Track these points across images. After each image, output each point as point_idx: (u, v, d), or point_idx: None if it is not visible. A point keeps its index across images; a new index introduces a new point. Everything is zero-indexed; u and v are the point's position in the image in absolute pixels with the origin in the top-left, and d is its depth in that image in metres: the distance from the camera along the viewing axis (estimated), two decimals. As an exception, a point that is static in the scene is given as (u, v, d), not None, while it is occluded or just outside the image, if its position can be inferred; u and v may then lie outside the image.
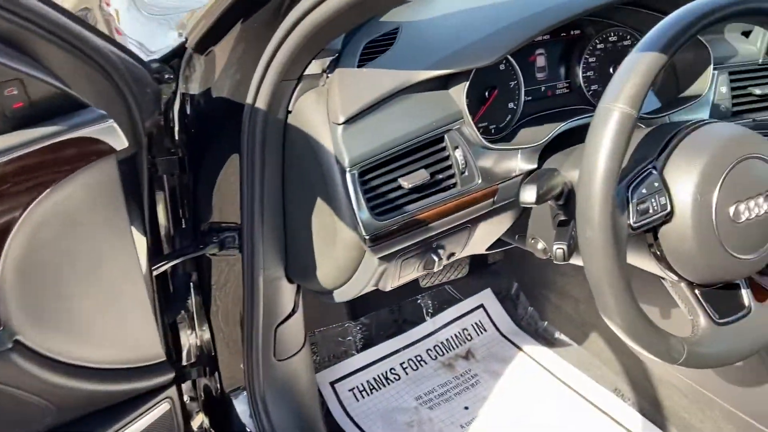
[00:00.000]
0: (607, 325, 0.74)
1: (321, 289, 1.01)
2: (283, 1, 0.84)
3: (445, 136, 0.87)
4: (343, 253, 0.88)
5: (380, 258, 0.86)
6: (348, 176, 0.80)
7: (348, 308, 1.60)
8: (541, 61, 1.05)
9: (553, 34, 1.05)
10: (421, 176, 0.83)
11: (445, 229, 0.90)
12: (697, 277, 0.80)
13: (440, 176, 0.86)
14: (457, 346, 1.65)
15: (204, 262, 1.15)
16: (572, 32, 1.06)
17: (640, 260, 0.85)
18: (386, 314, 1.66)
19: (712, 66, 1.03)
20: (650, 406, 1.42)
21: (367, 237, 0.81)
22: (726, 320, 0.81)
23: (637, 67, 0.68)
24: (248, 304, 1.06)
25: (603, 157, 0.68)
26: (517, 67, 1.00)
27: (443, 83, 0.89)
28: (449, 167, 0.87)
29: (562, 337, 1.65)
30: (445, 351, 1.64)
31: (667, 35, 0.69)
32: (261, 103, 0.87)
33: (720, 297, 0.83)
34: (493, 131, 1.00)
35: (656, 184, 0.76)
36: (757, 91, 1.08)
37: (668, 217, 0.76)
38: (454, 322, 1.69)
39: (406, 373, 1.57)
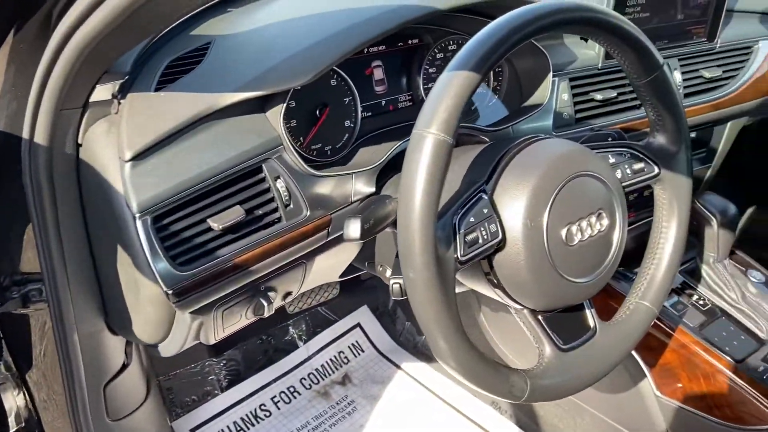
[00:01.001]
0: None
1: (144, 343, 0.88)
2: (53, 6, 0.71)
3: (263, 166, 0.77)
4: (150, 309, 0.76)
5: (192, 312, 0.75)
6: (139, 223, 0.68)
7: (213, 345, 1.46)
8: (378, 73, 0.98)
9: (389, 44, 0.98)
10: (236, 214, 0.73)
11: (273, 269, 0.80)
12: (536, 304, 0.75)
13: (260, 212, 0.76)
14: (333, 371, 1.56)
15: (12, 319, 0.98)
16: (410, 41, 1.00)
17: (480, 287, 0.79)
18: (255, 345, 1.54)
19: (551, 73, 1.00)
20: (526, 417, 1.40)
21: (169, 292, 0.69)
22: (571, 345, 0.77)
23: (449, 90, 0.62)
24: (65, 363, 0.91)
25: (418, 190, 0.61)
26: (350, 81, 0.92)
27: (259, 106, 0.79)
28: (271, 200, 0.77)
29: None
30: (320, 378, 1.54)
31: (478, 54, 0.63)
32: (40, 138, 0.73)
33: (565, 320, 0.79)
34: (329, 152, 0.91)
35: (485, 211, 0.70)
36: (599, 96, 1.07)
37: (500, 244, 0.71)
38: (330, 346, 1.60)
39: (278, 408, 1.46)
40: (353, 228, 0.71)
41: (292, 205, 0.78)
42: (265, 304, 0.81)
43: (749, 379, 1.02)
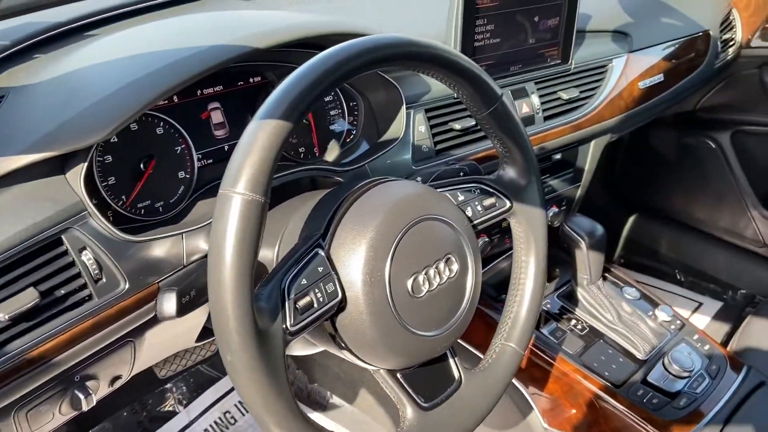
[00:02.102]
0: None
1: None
2: None
3: (63, 237, 0.66)
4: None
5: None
6: None
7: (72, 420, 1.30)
8: (217, 116, 0.89)
9: (227, 84, 0.89)
10: (28, 299, 0.61)
11: (88, 354, 0.69)
12: (389, 364, 0.68)
13: (62, 291, 0.65)
14: (219, 435, 1.44)
15: None
16: (251, 79, 0.92)
17: (330, 348, 0.71)
18: (128, 416, 1.39)
19: (404, 105, 0.95)
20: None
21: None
22: (434, 402, 0.71)
23: (256, 143, 0.54)
24: None
25: (227, 261, 0.52)
26: (180, 128, 0.83)
27: (58, 167, 0.68)
28: (76, 276, 0.66)
29: (334, 398, 1.51)
30: (204, 445, 1.41)
31: (287, 100, 0.55)
32: None
33: (427, 374, 0.73)
34: (161, 209, 0.81)
35: (321, 269, 0.62)
36: (457, 125, 1.03)
37: (341, 304, 0.64)
38: (214, 407, 1.47)
39: (156, 486, 1.32)
40: (167, 304, 0.62)
41: (104, 279, 0.67)
42: (82, 396, 0.69)
43: (629, 403, 1.00)
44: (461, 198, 0.76)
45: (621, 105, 1.27)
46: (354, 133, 1.01)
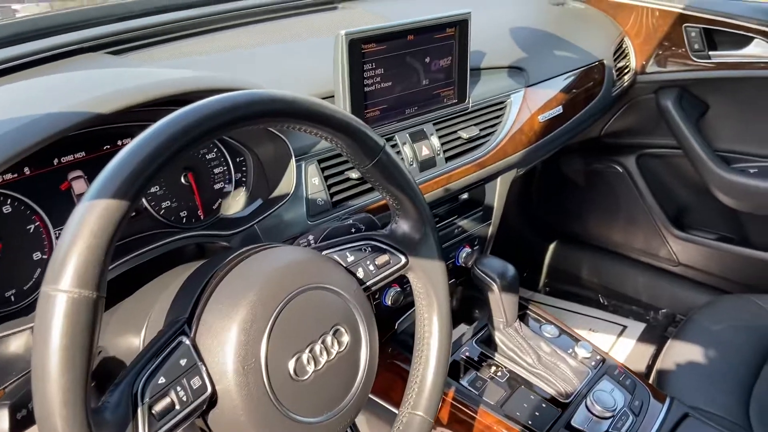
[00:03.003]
0: None
1: None
2: None
3: None
4: None
5: None
6: None
7: None
8: (80, 185, 0.80)
9: (90, 150, 0.80)
10: None
11: None
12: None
13: None
14: None
15: None
16: (120, 141, 0.83)
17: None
18: None
19: (293, 158, 0.89)
20: None
21: None
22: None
23: (83, 230, 0.46)
24: None
25: (52, 373, 0.44)
26: (32, 204, 0.73)
27: None
28: None
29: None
30: None
31: (120, 177, 0.48)
32: None
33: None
34: (13, 299, 0.71)
35: (184, 362, 0.54)
36: (353, 175, 0.98)
37: (213, 399, 0.56)
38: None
39: None
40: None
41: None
42: None
43: (555, 452, 0.96)
44: (351, 258, 0.70)
45: (523, 139, 1.26)
46: (243, 191, 0.94)
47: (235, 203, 0.93)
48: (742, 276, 1.74)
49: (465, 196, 1.21)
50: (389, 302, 1.07)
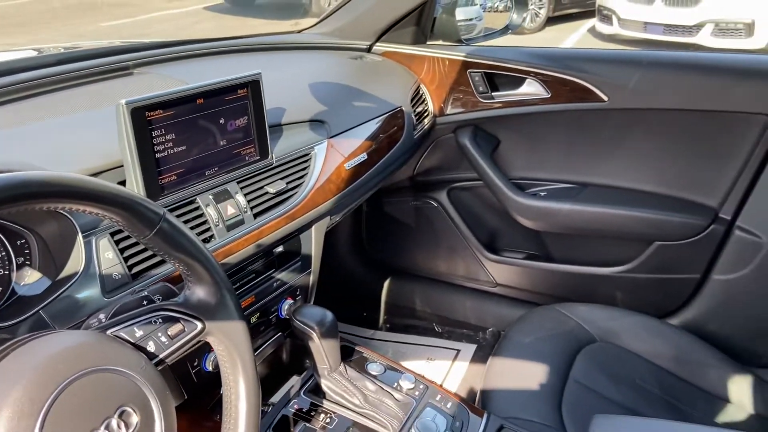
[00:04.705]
0: None
1: None
2: None
3: None
4: None
5: None
6: None
7: None
8: None
9: None
10: None
11: None
12: None
13: None
14: None
15: None
16: None
17: None
18: None
19: (80, 235, 0.85)
20: None
21: None
22: None
23: None
24: None
25: None
26: None
27: None
28: None
29: None
30: None
31: None
32: None
33: None
34: None
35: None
36: (153, 243, 0.95)
37: None
38: None
39: None
40: None
41: None
42: None
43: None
44: (140, 333, 0.68)
45: (332, 188, 1.31)
46: (27, 275, 0.87)
47: (20, 289, 0.86)
48: (548, 288, 1.93)
49: (280, 249, 1.23)
50: (210, 367, 1.05)
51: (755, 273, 1.59)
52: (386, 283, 2.24)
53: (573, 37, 7.55)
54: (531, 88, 1.72)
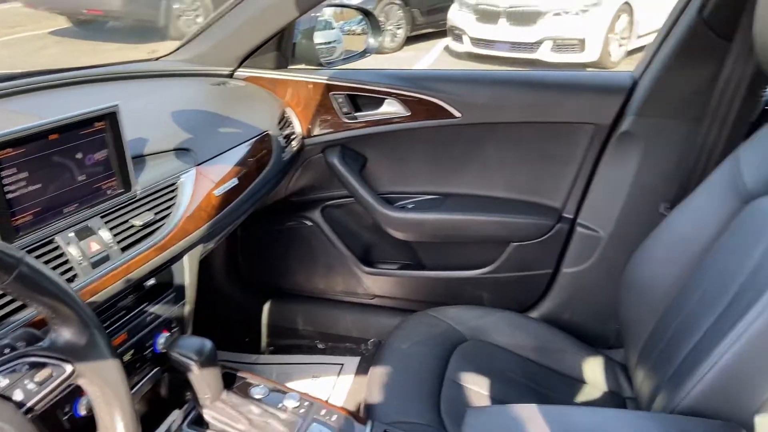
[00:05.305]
0: None
1: None
2: None
3: None
4: None
5: None
6: None
7: None
8: None
9: None
10: None
11: None
12: None
13: None
14: None
15: None
16: None
17: None
18: None
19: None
20: None
21: None
22: None
23: None
24: None
25: None
26: None
27: None
28: None
29: None
30: None
31: None
32: None
33: None
34: None
35: None
36: (11, 288, 0.91)
37: None
38: None
39: None
40: None
41: None
42: None
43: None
44: (5, 383, 0.66)
45: (203, 215, 1.31)
46: None
47: None
48: (422, 295, 2.04)
49: (152, 281, 1.20)
50: (83, 411, 1.01)
51: (597, 264, 1.80)
52: (267, 306, 2.24)
53: (430, 55, 7.95)
54: (392, 108, 1.82)
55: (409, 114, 1.80)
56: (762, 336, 0.96)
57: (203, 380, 1.09)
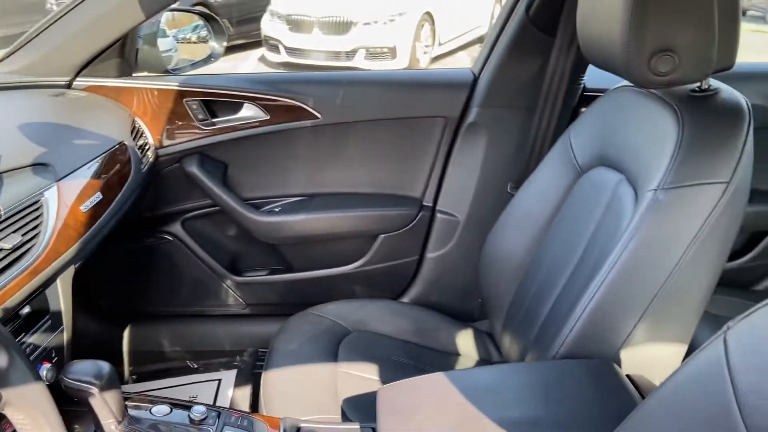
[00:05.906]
0: None
1: None
2: None
3: None
4: None
5: None
6: None
7: None
8: None
9: None
10: None
11: None
12: None
13: None
14: None
15: None
16: None
17: None
18: None
19: None
20: None
21: None
22: None
23: None
24: None
25: None
26: None
27: None
28: None
29: None
30: None
31: None
32: None
33: None
34: None
35: None
36: None
37: None
38: None
39: None
40: None
41: None
42: None
43: None
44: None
45: (72, 234, 1.20)
46: None
47: None
48: (298, 297, 2.05)
49: (26, 310, 1.09)
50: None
51: (457, 246, 1.96)
52: (126, 332, 2.08)
53: (246, 65, 7.83)
54: (250, 112, 1.81)
55: (269, 117, 1.81)
56: (618, 282, 1.14)
57: (105, 405, 1.01)
